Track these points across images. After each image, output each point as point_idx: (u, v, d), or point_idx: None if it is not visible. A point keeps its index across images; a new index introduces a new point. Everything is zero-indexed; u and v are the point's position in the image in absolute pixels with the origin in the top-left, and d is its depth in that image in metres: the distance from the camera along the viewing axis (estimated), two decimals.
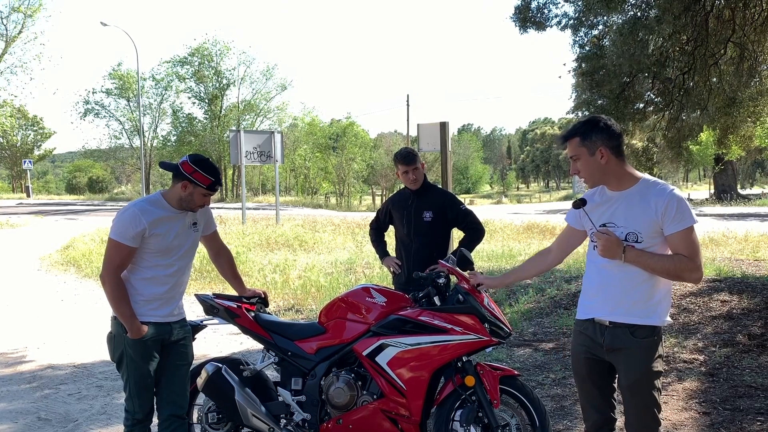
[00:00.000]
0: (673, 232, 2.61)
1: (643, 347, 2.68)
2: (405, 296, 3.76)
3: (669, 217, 2.60)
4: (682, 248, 2.61)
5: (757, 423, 4.20)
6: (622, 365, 2.73)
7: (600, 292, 2.79)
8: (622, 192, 2.72)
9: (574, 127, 2.77)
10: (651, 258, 2.62)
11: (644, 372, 2.69)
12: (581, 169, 2.74)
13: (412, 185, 4.61)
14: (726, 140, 15.51)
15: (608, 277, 2.74)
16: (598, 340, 2.78)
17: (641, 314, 2.69)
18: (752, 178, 71.63)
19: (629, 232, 2.67)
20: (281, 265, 10.82)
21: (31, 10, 34.97)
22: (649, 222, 2.63)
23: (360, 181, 57.64)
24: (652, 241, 2.65)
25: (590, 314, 2.83)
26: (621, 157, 2.72)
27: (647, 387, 2.70)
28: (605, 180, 2.74)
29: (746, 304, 6.61)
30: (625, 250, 2.64)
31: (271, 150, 17.81)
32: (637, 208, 2.66)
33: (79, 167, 70.11)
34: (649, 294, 2.69)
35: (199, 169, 3.20)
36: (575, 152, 2.73)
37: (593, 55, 9.53)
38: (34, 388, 5.36)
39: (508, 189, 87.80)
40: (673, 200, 2.60)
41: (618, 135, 2.71)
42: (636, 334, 2.68)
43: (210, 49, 48.27)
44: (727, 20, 8.45)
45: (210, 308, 3.87)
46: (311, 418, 3.66)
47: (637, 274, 2.67)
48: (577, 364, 2.93)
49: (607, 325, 2.75)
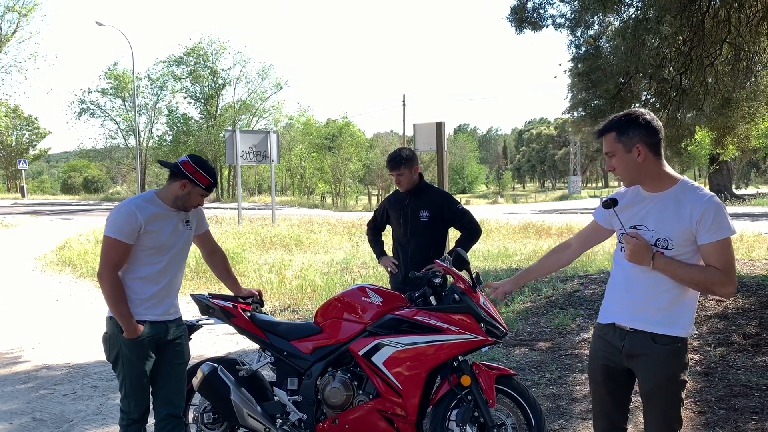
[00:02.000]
0: (707, 242, 2.45)
1: (663, 354, 2.55)
2: (401, 296, 3.76)
3: (704, 226, 2.44)
4: (715, 260, 2.45)
5: (752, 422, 4.21)
6: (641, 371, 2.63)
7: (623, 296, 2.67)
8: (658, 194, 2.57)
9: (612, 121, 2.60)
10: (681, 267, 2.48)
11: (663, 380, 2.58)
12: (616, 167, 2.59)
13: (400, 187, 4.65)
14: (723, 140, 15.54)
15: (633, 281, 2.62)
16: (618, 346, 2.66)
17: (663, 323, 2.56)
18: (747, 178, 71.79)
19: (659, 238, 2.53)
20: (277, 264, 10.81)
21: (26, 9, 34.85)
22: (682, 229, 2.48)
23: (356, 181, 57.61)
24: (683, 249, 2.50)
25: (611, 319, 2.71)
26: (659, 155, 2.55)
27: (666, 396, 2.60)
28: (641, 179, 2.59)
29: (741, 304, 6.63)
30: (654, 257, 2.50)
31: (267, 150, 17.79)
32: (671, 212, 2.51)
33: (74, 167, 69.92)
34: (673, 302, 2.55)
35: (200, 170, 3.26)
36: (611, 148, 2.57)
37: (589, 55, 9.54)
38: (29, 389, 5.34)
39: (504, 189, 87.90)
40: (711, 208, 2.43)
41: (657, 132, 2.53)
42: (657, 341, 2.56)
43: (206, 48, 48.22)
44: (723, 21, 8.46)
45: (206, 308, 3.87)
46: (307, 418, 3.66)
47: (664, 281, 2.54)
48: (594, 369, 2.82)
49: (627, 330, 2.63)
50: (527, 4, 9.44)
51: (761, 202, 30.54)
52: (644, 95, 10.05)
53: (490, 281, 3.32)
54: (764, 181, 68.95)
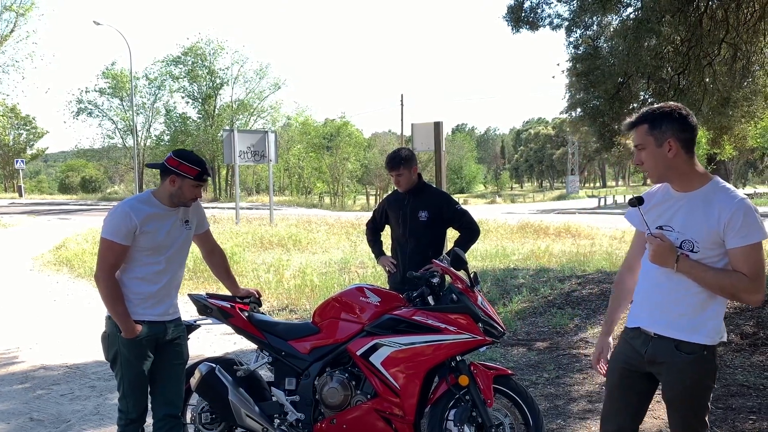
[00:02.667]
0: (735, 247, 2.35)
1: (687, 363, 2.45)
2: (399, 296, 3.76)
3: (733, 230, 2.33)
4: (743, 265, 2.35)
5: (749, 421, 4.22)
6: (663, 378, 2.55)
7: (648, 300, 2.57)
8: (687, 193, 2.47)
9: (644, 113, 2.49)
10: (706, 271, 2.38)
11: (687, 388, 2.49)
12: (645, 161, 2.48)
13: (398, 188, 4.66)
14: (720, 140, 15.55)
15: (658, 285, 2.53)
16: (641, 351, 2.57)
17: (686, 328, 2.46)
18: (744, 177, 71.92)
19: (685, 240, 2.43)
20: (275, 264, 10.80)
21: (24, 8, 34.72)
22: (710, 231, 2.38)
23: (354, 180, 57.58)
24: (709, 253, 2.40)
25: (637, 323, 2.62)
26: (691, 153, 2.44)
27: (689, 404, 2.52)
28: (670, 176, 2.48)
29: (738, 304, 6.63)
30: (678, 259, 2.40)
31: (264, 149, 17.79)
32: (698, 213, 2.41)
33: (71, 167, 69.81)
34: (698, 308, 2.45)
35: (184, 161, 3.22)
36: (641, 141, 2.46)
37: (587, 55, 9.54)
38: (26, 389, 5.33)
39: (501, 189, 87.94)
40: (740, 210, 2.33)
41: (692, 128, 2.42)
42: (681, 348, 2.46)
43: (203, 48, 48.19)
44: (721, 21, 8.47)
45: (203, 308, 3.86)
46: (305, 418, 3.65)
47: (689, 286, 2.44)
48: (612, 370, 2.74)
49: (652, 336, 2.54)
50: (524, 4, 9.44)
51: (759, 202, 30.59)
52: (642, 95, 10.06)
53: (596, 358, 2.89)
54: (762, 181, 69.09)
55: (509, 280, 8.75)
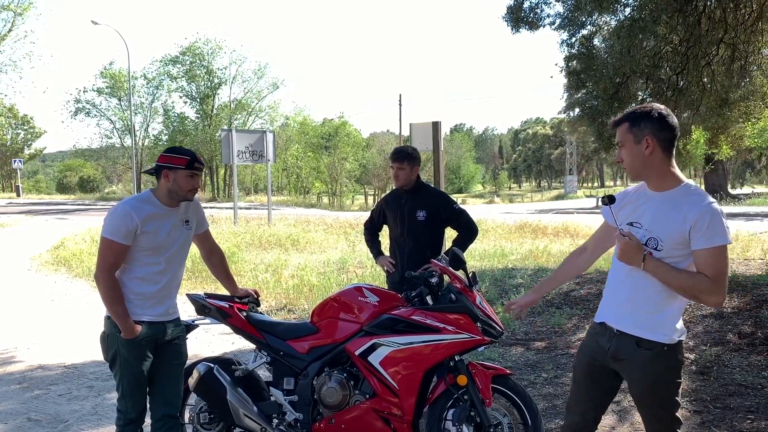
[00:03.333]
0: (700, 248, 2.40)
1: (647, 358, 2.53)
2: (397, 296, 3.76)
3: (699, 231, 2.38)
4: (706, 267, 2.40)
5: (747, 421, 4.22)
6: (627, 375, 2.63)
7: (613, 297, 2.68)
8: (660, 193, 2.54)
9: (627, 112, 2.60)
10: (670, 271, 2.44)
11: (650, 384, 2.56)
12: (624, 157, 2.57)
13: (393, 181, 4.67)
14: (717, 140, 15.59)
15: (623, 282, 2.62)
16: (605, 347, 2.66)
17: (647, 327, 2.54)
18: (742, 177, 71.98)
19: (651, 237, 2.50)
20: (273, 264, 10.80)
21: (21, 8, 34.72)
22: (675, 231, 2.44)
23: (352, 180, 57.61)
24: (673, 252, 2.47)
25: (602, 318, 2.71)
26: (668, 153, 2.52)
27: (655, 399, 2.58)
28: (646, 174, 2.56)
29: (736, 303, 6.64)
30: (645, 258, 2.47)
31: (263, 149, 17.76)
32: (667, 213, 2.48)
33: (69, 167, 69.74)
34: (659, 307, 2.53)
35: (173, 154, 3.26)
36: (622, 138, 2.56)
37: (584, 55, 9.56)
38: (24, 389, 5.32)
39: (500, 189, 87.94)
40: (707, 213, 2.38)
41: (671, 128, 2.50)
42: (641, 345, 2.54)
43: (202, 48, 48.15)
44: (719, 20, 8.48)
45: (201, 308, 3.86)
46: (303, 418, 3.65)
47: (652, 285, 2.51)
48: (579, 363, 2.83)
49: (615, 332, 2.63)
50: (523, 4, 9.46)
51: (756, 201, 30.64)
52: (641, 95, 10.08)
53: (511, 301, 3.16)
54: (759, 181, 69.16)
55: (508, 279, 8.76)
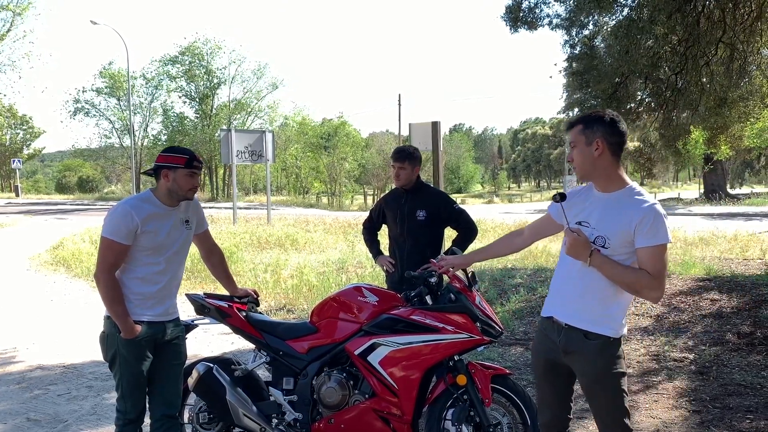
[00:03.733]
0: (642, 246, 2.55)
1: (596, 350, 2.66)
2: (397, 295, 3.76)
3: (642, 231, 2.54)
4: (648, 264, 2.55)
5: (746, 421, 4.22)
6: (577, 367, 2.73)
7: (560, 294, 2.80)
8: (606, 194, 2.69)
9: (581, 115, 2.76)
10: (615, 267, 2.59)
11: (598, 374, 2.67)
12: (575, 157, 2.70)
13: (395, 181, 4.66)
14: (716, 140, 15.62)
15: (570, 278, 2.74)
16: (555, 341, 2.78)
17: (595, 321, 2.66)
18: (741, 177, 72.08)
19: (599, 236, 2.64)
20: (273, 264, 10.80)
21: (20, 8, 34.68)
22: (621, 231, 2.59)
23: (351, 180, 57.61)
24: (619, 250, 2.61)
25: (550, 312, 2.83)
26: (617, 157, 2.67)
27: (603, 389, 2.68)
28: (595, 175, 2.69)
29: (735, 303, 6.65)
30: (591, 254, 2.61)
31: (262, 149, 17.76)
32: (613, 213, 2.62)
33: (68, 166, 69.73)
34: (606, 304, 2.66)
35: (172, 154, 3.27)
36: (574, 139, 2.70)
37: (584, 55, 9.56)
38: (23, 389, 5.32)
39: (499, 188, 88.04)
40: (650, 214, 2.53)
41: (620, 133, 2.65)
42: (589, 337, 2.67)
43: (201, 47, 48.13)
44: (718, 21, 8.49)
45: (201, 308, 3.85)
46: (303, 418, 3.65)
47: (598, 282, 2.64)
48: (536, 363, 2.95)
49: (563, 326, 2.74)
50: (522, 4, 9.46)
51: (755, 201, 30.65)
52: (640, 95, 10.09)
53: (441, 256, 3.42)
54: (758, 181, 69.23)
55: (507, 279, 8.76)
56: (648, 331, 6.22)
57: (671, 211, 25.17)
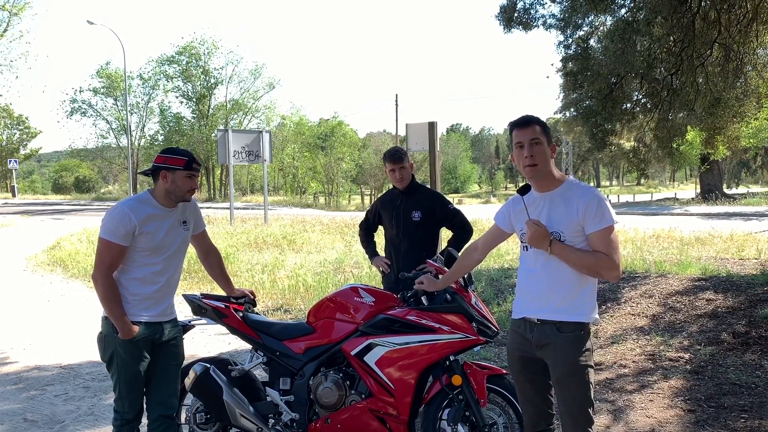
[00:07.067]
0: (593, 231, 2.70)
1: (568, 341, 2.76)
2: (393, 296, 3.77)
3: (589, 217, 2.69)
4: (602, 246, 2.69)
5: (741, 420, 4.25)
6: (550, 359, 2.81)
7: (529, 292, 2.88)
8: (546, 193, 2.82)
9: (530, 116, 2.86)
10: (574, 252, 2.72)
11: (570, 365, 2.75)
12: (537, 155, 2.77)
13: (399, 184, 4.64)
14: (713, 140, 15.66)
15: (536, 277, 2.84)
16: (528, 337, 2.87)
17: (567, 311, 2.77)
18: (737, 177, 72.19)
19: (553, 232, 2.76)
20: (270, 264, 10.80)
21: (17, 8, 34.60)
22: (572, 222, 2.73)
23: (349, 180, 57.51)
24: (575, 240, 2.74)
25: (522, 313, 2.91)
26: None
27: (575, 380, 2.76)
28: (546, 172, 2.81)
29: (731, 303, 6.68)
30: (551, 243, 2.73)
31: (259, 149, 17.77)
32: (560, 209, 2.76)
33: (65, 167, 69.60)
34: (574, 292, 2.77)
35: (171, 155, 3.28)
36: (540, 137, 2.78)
37: (579, 55, 9.59)
38: (20, 389, 5.32)
39: (496, 189, 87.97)
40: (594, 200, 2.70)
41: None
42: (562, 329, 2.77)
43: (198, 48, 48.08)
44: (713, 21, 8.52)
45: (198, 308, 3.86)
46: (299, 418, 3.66)
47: (562, 271, 2.76)
48: (512, 362, 3.01)
49: (536, 322, 2.84)
50: (517, 5, 9.48)
51: (752, 201, 30.70)
52: (636, 95, 10.12)
53: (420, 278, 3.44)
54: (755, 181, 69.39)
55: (503, 279, 8.78)
56: (643, 331, 6.25)
57: (668, 211, 25.23)
